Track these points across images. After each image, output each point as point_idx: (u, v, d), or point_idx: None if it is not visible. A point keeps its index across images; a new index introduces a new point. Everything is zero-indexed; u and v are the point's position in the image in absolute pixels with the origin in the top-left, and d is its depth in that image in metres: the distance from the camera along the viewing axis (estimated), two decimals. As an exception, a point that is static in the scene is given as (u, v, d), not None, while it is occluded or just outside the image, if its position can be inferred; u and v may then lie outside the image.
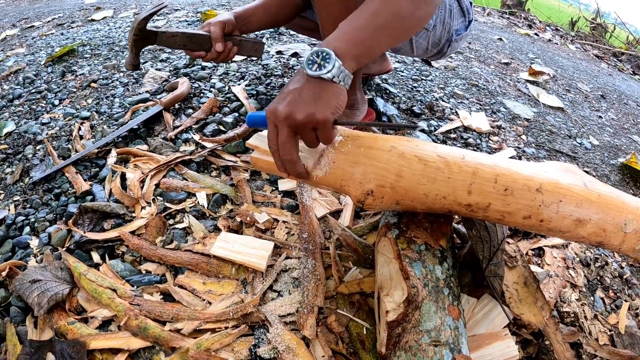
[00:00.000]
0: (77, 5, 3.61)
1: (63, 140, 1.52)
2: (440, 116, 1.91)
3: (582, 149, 2.02)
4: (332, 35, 0.84)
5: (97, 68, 2.07)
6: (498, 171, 0.84)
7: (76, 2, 3.79)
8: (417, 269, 0.84)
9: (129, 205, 1.21)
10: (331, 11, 1.15)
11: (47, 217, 1.20)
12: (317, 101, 0.78)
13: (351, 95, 1.50)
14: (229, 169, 1.37)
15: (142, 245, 1.06)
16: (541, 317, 1.02)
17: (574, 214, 0.84)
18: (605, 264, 1.33)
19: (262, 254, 1.03)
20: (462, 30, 1.47)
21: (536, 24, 5.25)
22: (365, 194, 0.83)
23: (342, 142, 0.84)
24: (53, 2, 4.01)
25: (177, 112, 1.64)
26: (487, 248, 1.00)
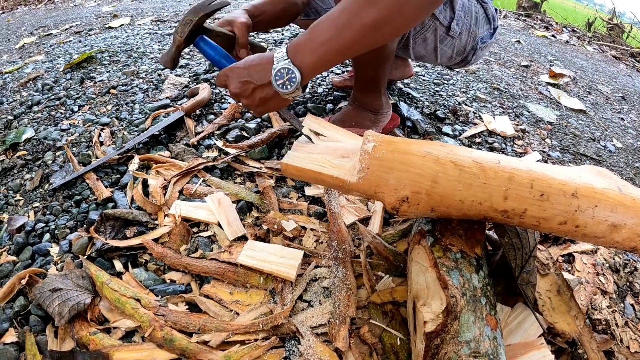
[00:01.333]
0: (94, 13, 3.63)
1: (83, 147, 1.51)
2: (464, 120, 1.88)
3: (607, 152, 1.99)
4: (301, 42, 0.87)
5: (116, 74, 2.07)
6: (534, 176, 0.82)
7: (93, 10, 3.82)
8: (454, 277, 0.81)
9: (152, 213, 1.19)
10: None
11: (67, 224, 1.19)
12: (261, 103, 0.95)
13: (376, 100, 1.48)
14: (253, 176, 1.35)
15: (166, 253, 1.04)
16: (575, 327, 0.99)
17: (609, 218, 0.82)
18: (635, 270, 1.29)
19: (292, 262, 1.00)
20: (487, 38, 1.44)
21: (553, 26, 5.18)
22: (400, 200, 0.80)
23: (375, 147, 0.81)
24: (70, 11, 4.05)
25: (198, 118, 1.62)
26: (520, 255, 0.97)
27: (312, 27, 0.86)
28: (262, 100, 0.94)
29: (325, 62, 0.88)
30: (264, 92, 0.92)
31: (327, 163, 0.84)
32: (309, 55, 0.86)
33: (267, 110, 0.98)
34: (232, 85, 0.95)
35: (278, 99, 0.93)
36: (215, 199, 1.18)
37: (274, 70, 0.88)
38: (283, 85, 0.88)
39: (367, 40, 0.84)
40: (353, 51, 0.86)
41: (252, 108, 0.97)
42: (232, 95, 0.97)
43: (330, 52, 0.85)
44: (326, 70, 0.97)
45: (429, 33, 1.33)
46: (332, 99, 1.81)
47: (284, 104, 0.97)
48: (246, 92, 0.94)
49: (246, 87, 0.93)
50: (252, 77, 0.92)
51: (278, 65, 0.87)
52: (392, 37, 0.88)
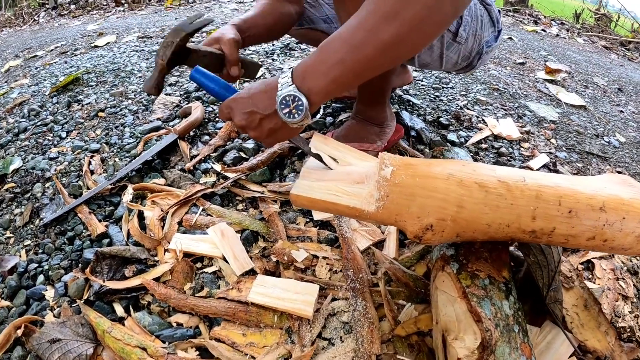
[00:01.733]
0: (79, 32, 3.56)
1: (73, 176, 1.43)
2: (468, 126, 1.82)
3: (611, 148, 1.96)
4: (310, 64, 0.79)
5: (103, 96, 2.00)
6: (561, 192, 0.77)
7: (78, 29, 3.75)
8: (486, 308, 0.74)
9: (151, 248, 1.12)
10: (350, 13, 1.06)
11: (61, 264, 1.12)
12: (270, 135, 0.87)
13: (381, 113, 1.41)
14: (256, 201, 1.27)
15: (169, 294, 0.97)
16: (606, 343, 0.94)
17: (637, 229, 0.79)
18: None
19: (308, 298, 0.92)
20: (492, 42, 1.39)
21: (541, 19, 5.17)
22: (424, 228, 0.74)
23: (394, 172, 0.74)
24: (55, 31, 3.97)
25: (192, 140, 1.55)
26: (546, 274, 0.93)
27: (322, 47, 0.78)
28: (271, 131, 0.86)
29: (339, 86, 0.79)
30: (272, 122, 0.84)
31: (341, 191, 0.77)
32: (320, 79, 0.78)
33: (277, 140, 0.90)
34: (237, 117, 0.86)
35: (287, 129, 0.85)
36: (218, 231, 1.11)
37: (279, 98, 0.80)
38: (290, 114, 0.80)
39: (384, 60, 0.76)
40: (369, 72, 0.78)
41: (261, 140, 0.89)
42: (238, 128, 0.89)
43: (344, 75, 0.77)
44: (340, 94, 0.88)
45: (436, 40, 1.27)
46: (332, 112, 1.75)
47: (294, 133, 0.89)
48: (253, 123, 0.85)
49: (252, 118, 0.85)
50: (257, 107, 0.84)
51: (283, 92, 0.79)
52: (410, 55, 0.80)
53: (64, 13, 4.91)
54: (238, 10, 3.91)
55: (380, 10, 0.71)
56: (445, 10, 0.71)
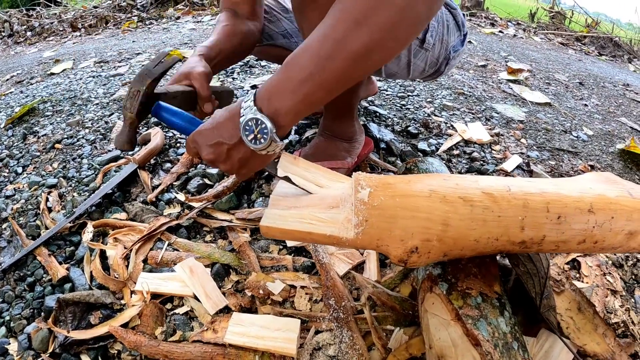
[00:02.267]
0: (35, 60, 3.44)
1: (31, 215, 1.33)
2: (438, 133, 1.79)
3: (580, 142, 1.98)
4: (274, 84, 0.72)
5: (60, 126, 1.90)
6: (547, 198, 0.73)
7: (34, 57, 3.63)
8: (482, 329, 0.70)
9: (116, 290, 1.03)
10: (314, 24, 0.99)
11: (23, 314, 1.02)
12: (242, 166, 0.81)
13: (349, 127, 1.36)
14: (225, 230, 1.20)
15: (140, 341, 0.89)
16: (606, 345, 0.91)
17: (626, 227, 0.77)
18: (637, 261, 1.26)
19: (289, 335, 0.85)
20: (458, 46, 1.36)
21: (498, 22, 5.26)
22: (409, 252, 0.68)
23: (372, 194, 0.69)
24: (11, 59, 3.82)
25: (153, 169, 1.47)
26: (537, 282, 0.89)
27: (287, 62, 0.71)
28: (242, 162, 0.79)
29: (309, 104, 0.72)
30: (240, 151, 0.78)
31: (315, 219, 0.71)
32: (288, 99, 0.71)
33: (251, 171, 0.83)
34: (204, 151, 0.80)
35: (259, 157, 0.79)
36: (187, 267, 1.04)
37: (241, 125, 0.73)
38: (255, 140, 0.73)
39: (356, 71, 0.70)
40: (341, 86, 0.71)
41: (233, 172, 0.83)
42: (208, 163, 0.83)
43: (314, 92, 0.70)
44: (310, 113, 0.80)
45: (403, 48, 1.23)
46: (297, 128, 1.69)
47: (267, 161, 0.82)
48: (221, 156, 0.79)
49: (219, 150, 0.78)
50: (222, 137, 0.77)
51: (246, 118, 0.72)
52: (382, 64, 0.73)
53: (20, 40, 4.76)
54: (196, 30, 3.85)
55: (349, 17, 0.64)
56: (418, 11, 0.65)
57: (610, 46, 5.00)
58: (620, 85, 3.17)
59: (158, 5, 5.29)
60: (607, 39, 5.07)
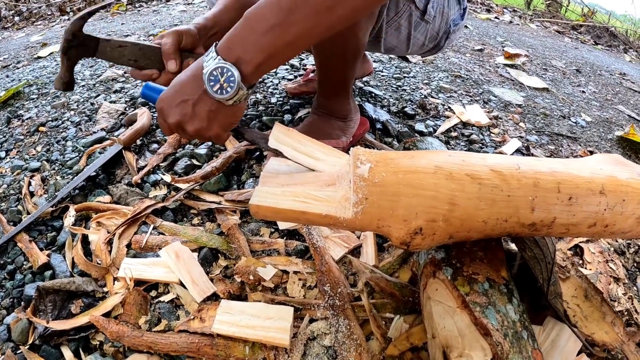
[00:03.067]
0: (22, 44, 3.36)
1: (12, 201, 1.27)
2: (435, 114, 1.74)
3: (579, 128, 1.95)
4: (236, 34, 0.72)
5: (45, 109, 1.83)
6: (558, 177, 0.69)
7: (22, 41, 3.54)
8: (491, 317, 0.65)
9: (98, 277, 0.97)
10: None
11: (2, 303, 0.97)
12: (211, 120, 0.77)
13: (345, 105, 1.30)
14: (213, 213, 1.14)
15: (122, 331, 0.83)
16: (615, 334, 0.87)
17: (637, 211, 0.74)
18: (639, 248, 1.24)
19: (282, 324, 0.80)
20: (458, 20, 1.31)
21: (494, 8, 5.20)
22: (413, 233, 0.63)
23: (372, 169, 0.63)
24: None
25: (139, 150, 1.41)
26: (544, 267, 0.84)
27: (248, 15, 0.70)
28: (210, 116, 0.76)
29: (272, 56, 0.71)
30: (206, 104, 0.75)
31: (310, 197, 0.65)
32: (250, 49, 0.70)
33: (224, 128, 0.80)
34: (171, 116, 0.77)
35: (226, 109, 0.76)
36: (172, 252, 0.98)
37: (205, 75, 0.71)
38: (221, 89, 0.71)
39: (320, 25, 0.68)
40: (305, 39, 0.70)
41: (206, 132, 0.78)
42: (177, 128, 0.79)
43: (277, 43, 0.69)
44: (274, 68, 0.77)
45: (403, 19, 1.17)
46: (290, 108, 1.63)
47: (237, 114, 0.79)
48: (187, 114, 0.76)
49: (184, 108, 0.75)
50: (185, 94, 0.75)
51: (209, 68, 0.71)
52: (350, 20, 0.71)
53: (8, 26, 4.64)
54: (186, 12, 3.76)
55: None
56: None
57: (606, 36, 4.97)
58: (616, 74, 3.15)
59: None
60: (603, 29, 5.03)
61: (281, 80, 1.92)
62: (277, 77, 1.95)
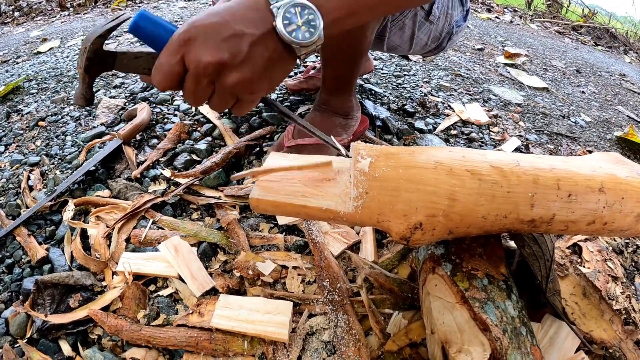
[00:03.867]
0: (22, 40, 3.36)
1: (11, 195, 1.27)
2: (435, 112, 1.74)
3: (579, 128, 1.95)
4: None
5: (44, 104, 1.83)
6: (558, 174, 0.69)
7: (22, 36, 3.54)
8: (491, 313, 0.65)
9: (97, 272, 0.97)
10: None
11: (1, 297, 0.96)
12: (266, 71, 0.60)
13: (347, 103, 1.29)
14: (212, 208, 1.14)
15: (121, 325, 0.83)
16: (613, 332, 0.87)
17: (635, 209, 0.74)
18: (637, 248, 1.23)
19: (281, 319, 0.80)
20: (461, 21, 1.31)
21: (494, 7, 5.20)
22: (413, 228, 0.63)
23: (373, 164, 0.63)
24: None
25: (139, 145, 1.41)
26: (543, 264, 0.84)
27: None
28: (268, 66, 0.59)
29: (350, 15, 0.62)
30: (269, 47, 0.58)
31: (309, 192, 0.65)
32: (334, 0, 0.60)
33: (272, 84, 0.63)
34: (209, 50, 0.55)
35: (288, 61, 0.62)
36: (171, 246, 0.97)
37: (281, 10, 0.57)
38: (298, 32, 0.58)
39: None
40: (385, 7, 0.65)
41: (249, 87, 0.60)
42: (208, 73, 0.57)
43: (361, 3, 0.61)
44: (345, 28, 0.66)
45: (408, 19, 1.17)
46: (290, 105, 1.63)
47: (290, 70, 0.64)
48: (239, 55, 0.56)
49: (238, 45, 0.56)
50: (243, 25, 0.56)
51: (284, 2, 0.57)
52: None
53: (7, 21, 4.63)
54: (187, 8, 3.75)
55: None
56: None
57: (606, 37, 4.97)
58: (616, 75, 3.14)
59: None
60: (603, 30, 5.03)
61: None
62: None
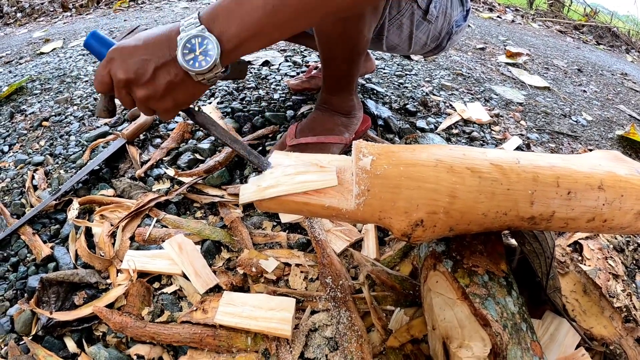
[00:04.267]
0: (25, 40, 3.37)
1: (16, 194, 1.28)
2: (437, 111, 1.75)
3: (580, 127, 1.95)
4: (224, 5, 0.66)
5: (48, 104, 1.84)
6: (558, 172, 0.70)
7: (24, 37, 3.55)
8: (491, 309, 0.66)
9: (102, 269, 0.98)
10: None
11: (6, 295, 0.97)
12: (167, 91, 0.69)
13: (348, 102, 1.30)
14: (216, 206, 1.15)
15: (125, 322, 0.84)
16: (613, 329, 0.88)
17: (635, 207, 0.74)
18: (638, 246, 1.24)
19: (284, 315, 0.80)
20: (461, 21, 1.31)
21: (496, 7, 5.20)
22: (414, 225, 0.64)
23: (374, 162, 0.64)
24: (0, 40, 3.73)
25: (143, 144, 1.42)
26: (543, 261, 0.85)
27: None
28: (169, 87, 0.68)
29: (256, 35, 0.66)
30: (170, 73, 0.67)
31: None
32: (235, 24, 0.65)
33: (176, 103, 0.71)
34: (122, 69, 0.67)
35: (189, 84, 0.69)
36: (175, 244, 0.98)
37: (182, 41, 0.65)
38: (195, 61, 0.65)
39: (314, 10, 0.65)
40: (294, 23, 0.66)
41: (155, 102, 0.70)
42: (122, 86, 0.69)
43: (265, 22, 0.64)
44: (254, 50, 0.72)
45: (405, 18, 1.17)
46: (292, 105, 1.64)
47: (198, 92, 0.72)
48: (144, 76, 0.67)
49: (143, 68, 0.67)
50: (150, 54, 0.67)
51: (187, 34, 0.64)
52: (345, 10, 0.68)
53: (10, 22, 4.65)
54: (189, 8, 3.77)
55: None
56: None
57: (608, 36, 4.97)
58: (618, 74, 3.15)
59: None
60: (605, 29, 5.03)
61: (284, 76, 1.93)
62: (279, 73, 1.96)
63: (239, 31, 0.65)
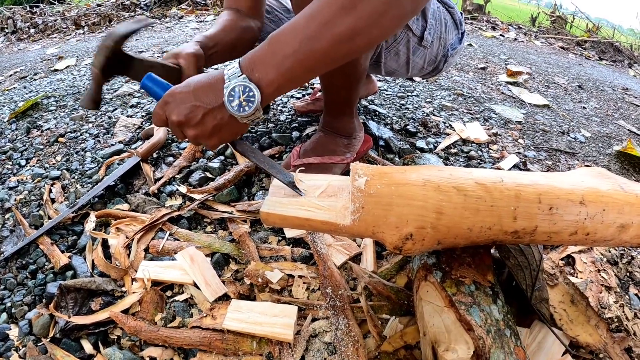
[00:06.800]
0: (38, 57, 3.46)
1: (34, 206, 1.35)
2: (436, 132, 1.81)
3: (578, 144, 1.99)
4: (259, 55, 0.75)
5: (63, 120, 1.92)
6: (540, 189, 0.75)
7: (38, 53, 3.64)
8: (475, 315, 0.72)
9: (117, 278, 1.05)
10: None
11: (24, 300, 1.04)
12: (215, 132, 0.79)
13: (349, 124, 1.37)
14: (225, 222, 1.22)
15: (140, 326, 0.91)
16: (598, 336, 0.93)
17: (617, 220, 0.78)
18: (632, 259, 1.28)
19: (287, 321, 0.87)
20: (456, 44, 1.38)
21: (499, 25, 5.28)
22: (404, 238, 0.70)
23: (368, 182, 0.71)
24: (14, 55, 3.84)
25: (156, 162, 1.49)
26: (528, 274, 0.91)
27: (272, 37, 0.74)
28: (216, 128, 0.79)
29: (290, 80, 0.75)
30: (217, 117, 0.77)
31: (313, 206, 0.73)
32: (271, 71, 0.73)
33: (222, 140, 0.82)
34: (175, 113, 0.78)
35: (234, 125, 0.79)
36: (187, 256, 1.05)
37: (227, 90, 0.74)
38: (240, 106, 0.75)
39: (338, 54, 0.73)
40: (322, 66, 0.75)
41: (203, 140, 0.81)
42: (175, 126, 0.80)
43: (297, 68, 0.73)
44: (290, 90, 0.82)
45: (402, 45, 1.25)
46: (297, 126, 1.71)
47: (241, 131, 0.82)
48: (194, 119, 0.77)
49: (194, 113, 0.77)
50: (200, 100, 0.77)
51: (231, 84, 0.74)
52: (365, 50, 0.76)
53: (24, 37, 4.77)
54: (199, 29, 3.87)
55: (337, 2, 0.68)
56: (404, 5, 0.69)
57: (610, 51, 5.01)
58: (619, 89, 3.18)
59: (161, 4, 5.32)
60: (607, 44, 5.08)
61: (290, 98, 2.00)
62: (286, 95, 2.03)
63: (275, 77, 0.74)
